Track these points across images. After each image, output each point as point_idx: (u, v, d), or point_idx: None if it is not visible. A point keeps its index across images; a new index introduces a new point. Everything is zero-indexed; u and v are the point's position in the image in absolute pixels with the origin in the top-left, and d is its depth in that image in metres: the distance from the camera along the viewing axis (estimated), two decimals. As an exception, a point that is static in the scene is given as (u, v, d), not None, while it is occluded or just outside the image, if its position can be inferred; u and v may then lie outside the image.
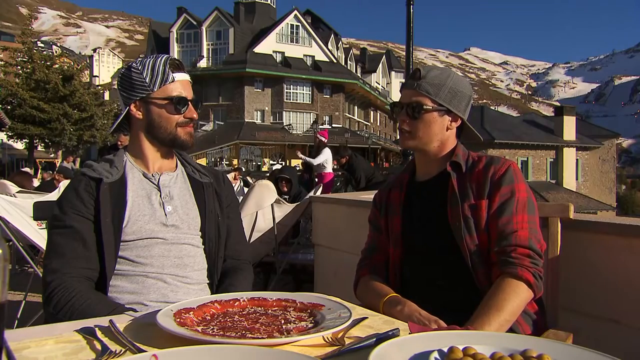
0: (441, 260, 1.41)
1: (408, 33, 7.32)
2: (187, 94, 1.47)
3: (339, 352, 0.85)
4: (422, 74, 1.45)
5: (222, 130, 40.72)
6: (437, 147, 1.48)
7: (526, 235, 1.32)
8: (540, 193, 25.94)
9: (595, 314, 1.71)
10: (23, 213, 3.51)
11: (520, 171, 1.43)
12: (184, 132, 1.47)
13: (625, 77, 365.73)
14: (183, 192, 1.50)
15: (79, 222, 1.35)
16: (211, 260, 1.49)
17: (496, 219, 1.35)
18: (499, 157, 1.46)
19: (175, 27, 44.86)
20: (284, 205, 4.02)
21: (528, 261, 1.29)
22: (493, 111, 41.43)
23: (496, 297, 1.25)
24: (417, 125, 1.45)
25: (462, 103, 1.48)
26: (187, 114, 1.46)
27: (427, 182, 1.50)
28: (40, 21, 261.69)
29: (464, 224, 1.37)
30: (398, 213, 1.52)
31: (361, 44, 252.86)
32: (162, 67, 1.43)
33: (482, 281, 1.35)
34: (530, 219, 1.36)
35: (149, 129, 1.46)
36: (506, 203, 1.36)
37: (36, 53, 25.16)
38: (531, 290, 1.28)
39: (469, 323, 1.23)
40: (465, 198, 1.39)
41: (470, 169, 1.43)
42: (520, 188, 1.38)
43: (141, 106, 1.45)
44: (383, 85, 59.77)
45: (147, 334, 0.94)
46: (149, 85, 1.43)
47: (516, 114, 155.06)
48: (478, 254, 1.36)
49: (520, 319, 1.31)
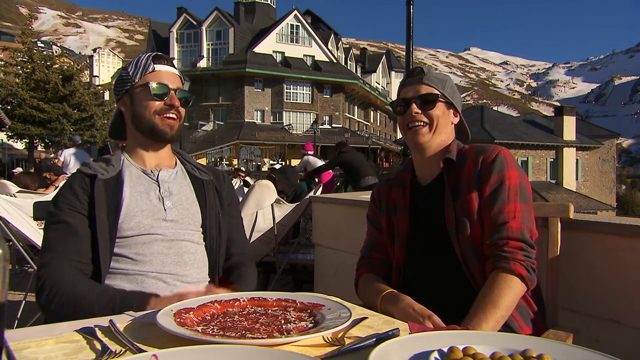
0: (442, 262, 1.41)
1: (408, 33, 7.31)
2: (169, 83, 1.44)
3: (339, 352, 0.85)
4: (425, 70, 1.49)
5: (222, 130, 40.73)
6: (442, 141, 1.48)
7: (518, 226, 1.31)
8: (540, 193, 25.95)
9: (595, 314, 1.71)
10: (23, 213, 3.51)
11: (512, 157, 1.40)
12: (163, 122, 1.43)
13: (625, 77, 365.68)
14: (183, 188, 1.49)
15: (72, 217, 1.34)
16: (212, 258, 1.49)
17: (488, 209, 1.34)
18: (489, 145, 1.44)
19: (175, 27, 44.88)
20: (284, 205, 4.02)
21: (521, 254, 1.28)
22: (493, 111, 41.38)
23: (491, 293, 1.25)
24: (432, 115, 1.45)
25: (459, 101, 1.52)
26: (168, 101, 1.43)
27: (429, 185, 1.49)
28: (40, 21, 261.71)
29: (457, 223, 1.37)
30: (405, 215, 1.50)
31: (361, 44, 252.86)
32: (144, 60, 1.46)
33: (478, 279, 1.34)
34: (522, 207, 1.34)
35: (133, 121, 1.46)
36: (496, 192, 1.34)
37: (36, 53, 25.12)
38: (524, 284, 1.28)
39: (466, 321, 1.23)
40: (459, 195, 1.39)
41: (462, 163, 1.43)
42: (511, 175, 1.36)
43: (126, 99, 1.47)
44: (383, 85, 59.77)
45: (147, 334, 0.94)
46: (132, 78, 1.44)
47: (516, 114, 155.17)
48: (473, 253, 1.35)
49: (515, 313, 1.31)
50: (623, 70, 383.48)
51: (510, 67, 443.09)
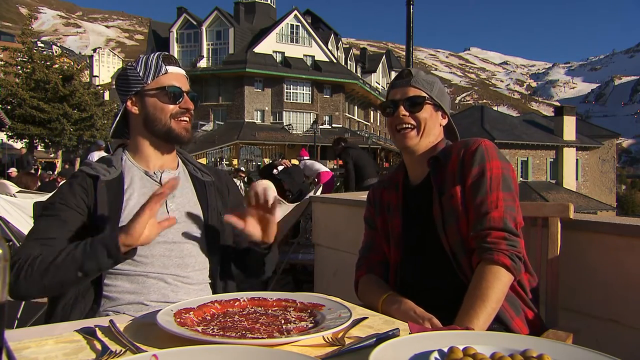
0: (435, 261, 1.42)
1: (408, 33, 7.31)
2: (182, 85, 1.45)
3: (339, 352, 0.85)
4: (412, 73, 1.51)
5: (222, 130, 40.73)
6: (430, 142, 1.49)
7: (500, 215, 1.30)
8: (540, 193, 25.97)
9: (595, 314, 1.71)
10: (23, 213, 3.51)
11: (495, 148, 1.39)
12: (179, 126, 1.45)
13: (625, 77, 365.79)
14: (186, 191, 1.49)
15: (64, 212, 1.33)
16: (214, 260, 1.48)
17: (471, 201, 1.34)
18: (472, 138, 1.43)
19: (175, 27, 44.86)
20: (284, 205, 4.03)
21: (504, 244, 1.27)
22: (493, 111, 41.40)
23: (479, 286, 1.25)
24: (420, 117, 1.46)
25: (447, 103, 1.54)
26: (182, 104, 1.45)
27: (420, 185, 1.50)
28: (40, 21, 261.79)
29: (444, 218, 1.37)
30: (398, 215, 1.51)
31: (361, 44, 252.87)
32: (155, 60, 1.44)
33: (468, 274, 1.34)
34: (506, 197, 1.33)
35: (145, 123, 1.45)
36: (478, 183, 1.34)
37: (36, 53, 25.12)
38: (510, 274, 1.27)
39: (458, 318, 1.23)
40: (444, 191, 1.39)
41: (447, 158, 1.43)
42: (493, 165, 1.35)
43: (137, 101, 1.45)
44: (383, 85, 59.77)
45: (147, 334, 0.94)
46: (142, 79, 1.43)
47: (516, 114, 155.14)
48: (461, 247, 1.35)
49: (505, 304, 1.30)
50: (623, 70, 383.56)
51: (510, 67, 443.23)
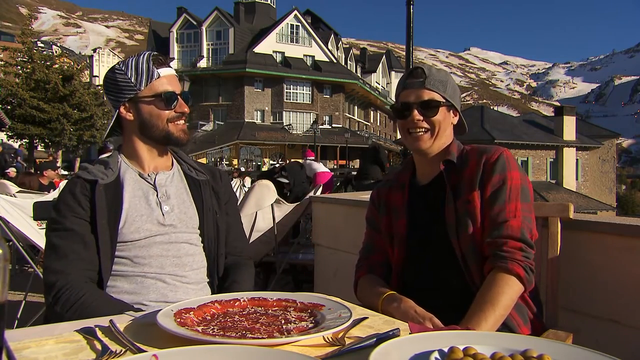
0: (439, 261, 1.41)
1: (408, 33, 7.31)
2: (175, 88, 1.45)
3: (339, 352, 0.85)
4: (426, 72, 1.46)
5: (222, 130, 40.74)
6: (443, 144, 1.48)
7: (518, 225, 1.31)
8: (540, 193, 25.93)
9: (595, 314, 1.71)
10: (23, 213, 3.51)
11: (514, 158, 1.41)
12: (177, 129, 1.46)
13: (625, 77, 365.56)
14: (180, 191, 1.50)
15: (78, 225, 1.35)
16: (210, 259, 1.49)
17: (489, 208, 1.34)
18: (491, 146, 1.44)
19: (175, 27, 44.89)
20: (284, 205, 4.02)
21: (520, 254, 1.28)
22: (493, 111, 41.36)
23: (490, 292, 1.25)
24: (434, 121, 1.44)
25: (458, 99, 1.52)
26: (178, 108, 1.45)
27: (428, 185, 1.49)
28: (40, 21, 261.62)
29: (458, 222, 1.37)
30: (403, 215, 1.50)
31: (361, 44, 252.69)
32: (145, 64, 1.42)
33: (475, 279, 1.34)
34: (524, 207, 1.34)
35: (141, 129, 1.45)
36: (498, 191, 1.35)
37: (36, 53, 25.09)
38: (522, 285, 1.28)
39: (465, 320, 1.23)
40: (460, 195, 1.39)
41: (464, 163, 1.43)
42: (513, 175, 1.36)
43: (131, 107, 1.44)
44: (383, 85, 59.78)
45: (147, 334, 0.94)
46: (135, 85, 1.41)
47: (516, 114, 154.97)
48: (473, 252, 1.35)
49: (513, 312, 1.31)
50: (623, 70, 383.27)
51: (510, 67, 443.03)
